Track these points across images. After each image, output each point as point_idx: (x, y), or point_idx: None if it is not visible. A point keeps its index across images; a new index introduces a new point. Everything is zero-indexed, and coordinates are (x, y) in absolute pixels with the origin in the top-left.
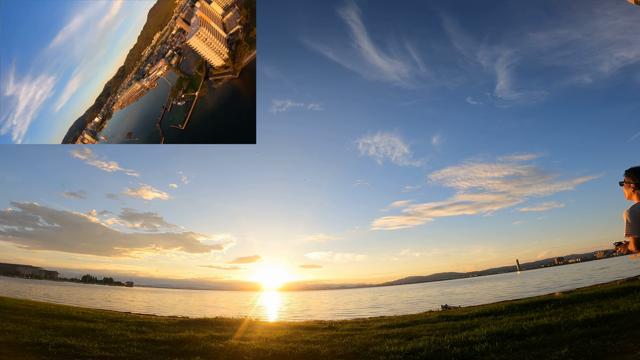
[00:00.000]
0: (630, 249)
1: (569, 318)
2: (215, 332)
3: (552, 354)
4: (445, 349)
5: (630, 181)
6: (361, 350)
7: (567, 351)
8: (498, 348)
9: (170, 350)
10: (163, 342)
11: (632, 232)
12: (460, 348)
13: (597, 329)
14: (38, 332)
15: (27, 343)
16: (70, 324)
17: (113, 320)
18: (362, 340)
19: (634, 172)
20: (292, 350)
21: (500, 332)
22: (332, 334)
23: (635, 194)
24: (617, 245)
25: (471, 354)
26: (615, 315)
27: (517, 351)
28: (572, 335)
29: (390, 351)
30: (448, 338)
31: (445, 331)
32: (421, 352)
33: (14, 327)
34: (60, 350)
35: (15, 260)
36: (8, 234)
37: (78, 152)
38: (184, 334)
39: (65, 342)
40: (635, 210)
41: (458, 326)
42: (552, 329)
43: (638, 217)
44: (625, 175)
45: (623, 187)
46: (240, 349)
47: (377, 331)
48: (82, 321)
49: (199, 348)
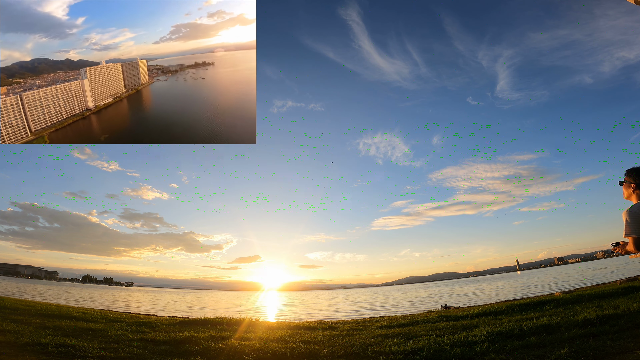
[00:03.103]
0: (629, 249)
1: (569, 318)
2: (215, 332)
3: (552, 354)
4: (445, 349)
5: (630, 181)
6: (361, 350)
7: (567, 351)
8: (498, 348)
9: (170, 350)
10: (163, 342)
11: (631, 232)
12: (460, 348)
13: (597, 329)
14: (38, 332)
15: (27, 343)
16: (70, 324)
17: (113, 320)
18: (362, 340)
19: (634, 172)
20: (292, 350)
21: (500, 332)
22: (332, 334)
23: (634, 194)
24: (615, 246)
25: (471, 354)
26: (615, 315)
27: (517, 351)
28: (572, 335)
29: (390, 351)
30: (448, 338)
31: (445, 331)
32: (421, 352)
33: (14, 327)
34: (60, 350)
35: (15, 260)
36: (8, 234)
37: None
38: (184, 334)
39: (65, 342)
40: (634, 210)
41: (458, 326)
42: (552, 329)
43: (637, 217)
44: (626, 174)
45: (623, 186)
46: (241, 349)
47: (377, 331)
48: (82, 321)
49: (199, 348)
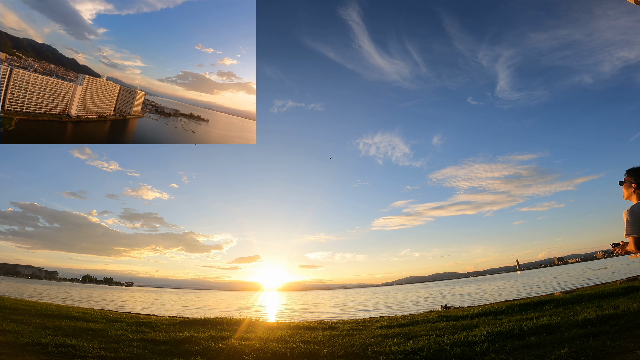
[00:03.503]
0: (630, 249)
1: (569, 318)
2: (215, 332)
3: (552, 354)
4: (445, 349)
5: (631, 181)
6: (361, 350)
7: (567, 351)
8: (498, 348)
9: (170, 350)
10: (163, 342)
11: (632, 231)
12: (460, 348)
13: (597, 329)
14: (38, 332)
15: (27, 343)
16: (70, 324)
17: (113, 320)
18: (362, 340)
19: (635, 172)
20: (292, 350)
21: (500, 332)
22: (332, 334)
23: (635, 194)
24: (615, 246)
25: (471, 354)
26: (615, 315)
27: (517, 351)
28: (572, 335)
29: (390, 351)
30: (448, 338)
31: (445, 331)
32: (421, 352)
33: (14, 327)
34: (60, 350)
35: (15, 260)
36: (8, 234)
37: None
38: (184, 334)
39: (65, 342)
40: (635, 209)
41: (458, 326)
42: (552, 329)
43: (638, 216)
44: (627, 174)
45: (623, 186)
46: (240, 349)
47: (377, 331)
48: (82, 321)
49: (199, 348)
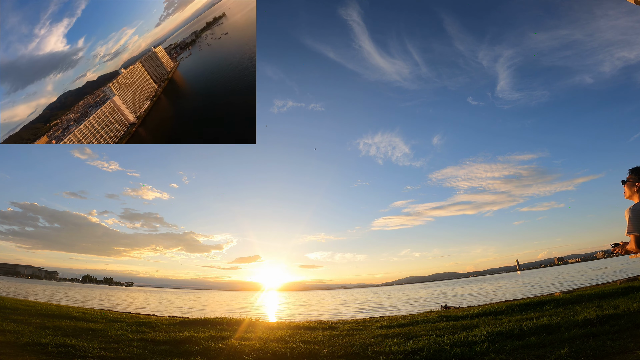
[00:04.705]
0: (630, 248)
1: (569, 318)
2: (215, 332)
3: (552, 354)
4: (445, 349)
5: (636, 180)
6: (361, 350)
7: (567, 351)
8: (498, 348)
9: (170, 350)
10: (163, 342)
11: (633, 229)
12: (460, 348)
13: (597, 329)
14: (38, 332)
15: (27, 343)
16: (70, 324)
17: (113, 320)
18: (362, 340)
19: (639, 172)
20: (292, 350)
21: (500, 332)
22: (332, 334)
23: (638, 193)
24: (615, 247)
25: (471, 354)
26: (615, 315)
27: (517, 351)
28: (572, 335)
29: (390, 351)
30: (448, 338)
31: (445, 331)
32: (421, 352)
33: (14, 327)
34: (60, 350)
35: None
36: (8, 234)
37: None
38: (184, 334)
39: (65, 342)
40: (637, 208)
41: (458, 326)
42: (552, 329)
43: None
44: (631, 173)
45: (625, 185)
46: (240, 349)
47: (377, 331)
48: (82, 321)
49: (199, 348)
